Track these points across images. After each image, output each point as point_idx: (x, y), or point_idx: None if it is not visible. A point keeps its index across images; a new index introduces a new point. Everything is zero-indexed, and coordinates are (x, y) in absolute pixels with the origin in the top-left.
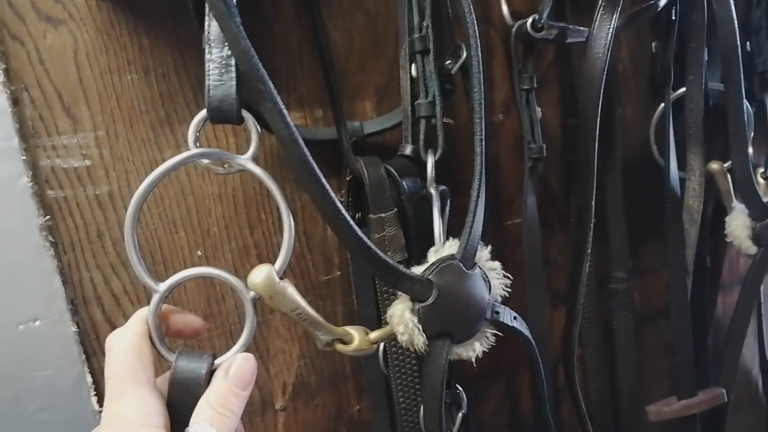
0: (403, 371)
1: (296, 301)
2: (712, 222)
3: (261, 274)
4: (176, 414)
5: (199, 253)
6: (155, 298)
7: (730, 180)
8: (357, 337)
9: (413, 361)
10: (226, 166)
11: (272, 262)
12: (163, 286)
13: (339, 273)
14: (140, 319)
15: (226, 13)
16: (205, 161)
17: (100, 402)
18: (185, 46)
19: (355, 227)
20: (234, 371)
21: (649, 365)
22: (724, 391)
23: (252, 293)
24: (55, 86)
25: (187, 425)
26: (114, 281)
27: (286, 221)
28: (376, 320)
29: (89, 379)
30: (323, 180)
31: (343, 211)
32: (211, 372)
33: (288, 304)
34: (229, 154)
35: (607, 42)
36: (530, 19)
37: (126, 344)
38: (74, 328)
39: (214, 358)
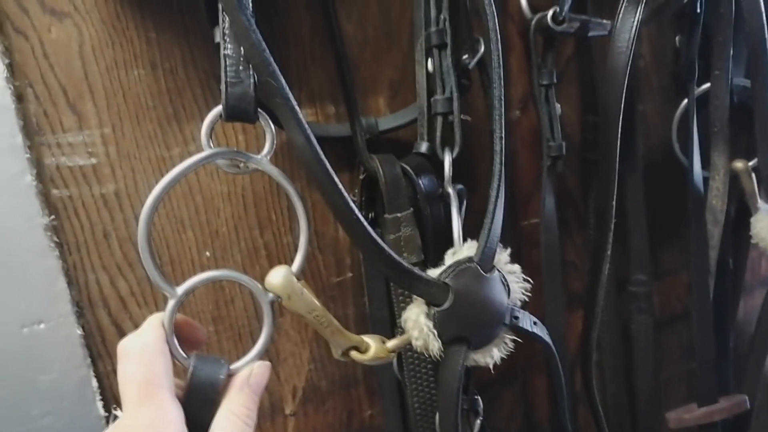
0: (418, 376)
1: (314, 303)
2: (735, 222)
3: (279, 275)
4: (192, 419)
5: (207, 253)
6: (172, 302)
7: (755, 179)
8: (373, 346)
9: (429, 366)
10: (241, 165)
11: (282, 263)
12: (180, 291)
13: (351, 275)
14: (157, 323)
15: (237, 5)
16: (221, 161)
17: (106, 406)
18: (194, 39)
19: (369, 228)
20: (254, 380)
21: (667, 370)
22: (747, 398)
23: (270, 295)
24: (59, 81)
25: (204, 429)
26: (120, 282)
27: (303, 222)
28: (389, 324)
29: (95, 383)
30: (336, 179)
31: (357, 211)
32: (228, 377)
33: (306, 306)
34: (245, 153)
35: (632, 36)
36: (551, 12)
37: (147, 349)
38: (79, 331)
39: (228, 363)
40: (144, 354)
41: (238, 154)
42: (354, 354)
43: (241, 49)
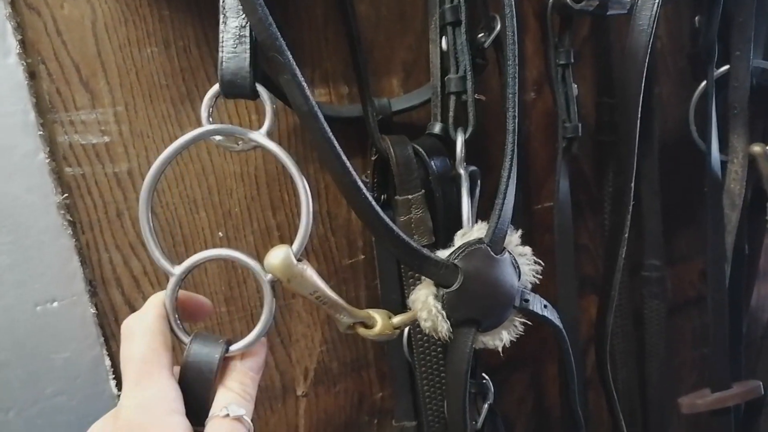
0: (428, 358)
1: (315, 284)
2: (751, 207)
3: (278, 256)
4: (190, 397)
5: (220, 234)
6: (172, 281)
7: None
8: (380, 321)
9: (438, 348)
10: (240, 143)
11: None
12: (178, 270)
13: (363, 257)
14: (158, 302)
15: None
16: (218, 138)
17: (119, 385)
18: (207, 17)
19: (377, 207)
20: (248, 357)
21: (679, 355)
22: (761, 383)
23: (270, 276)
24: (72, 59)
25: (199, 408)
26: (133, 262)
27: (304, 199)
28: (401, 306)
29: (107, 362)
30: (344, 157)
31: (365, 190)
32: (225, 357)
33: (307, 287)
34: (241, 129)
35: (653, 14)
36: None
37: (147, 328)
38: (93, 310)
39: (229, 343)
40: (144, 334)
41: (234, 130)
42: (360, 329)
43: (239, 23)
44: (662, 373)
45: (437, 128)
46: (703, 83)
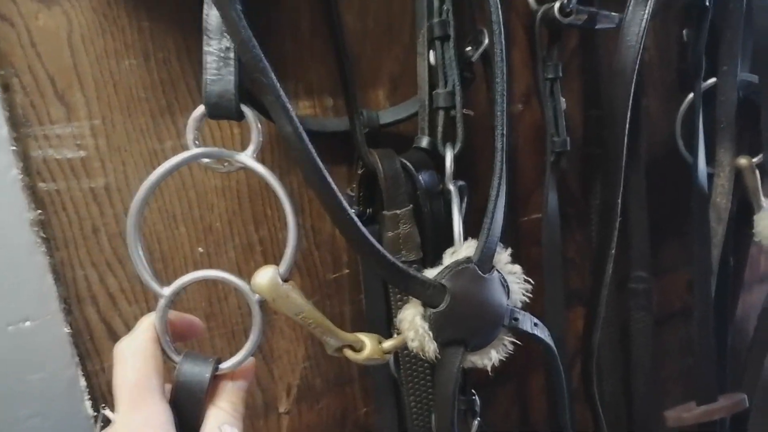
0: (415, 375)
1: (301, 305)
2: (736, 219)
3: (264, 277)
4: (181, 418)
5: (200, 249)
6: (161, 302)
7: (758, 176)
8: (369, 346)
9: (426, 365)
10: (226, 164)
11: (278, 259)
12: (168, 291)
13: (347, 271)
14: (149, 325)
15: (232, 4)
16: (206, 160)
17: (95, 406)
18: (188, 29)
19: (362, 227)
20: (237, 376)
21: (664, 367)
22: (746, 396)
23: (258, 296)
24: (47, 71)
25: (191, 427)
26: (110, 279)
27: (291, 221)
28: (386, 322)
29: (83, 382)
30: (329, 179)
31: (349, 210)
32: (215, 376)
33: (293, 308)
34: (229, 152)
35: (641, 29)
36: (558, 3)
37: (139, 352)
38: (67, 329)
39: (218, 362)
40: (136, 358)
41: (222, 153)
42: (348, 352)
43: (222, 45)
44: (648, 385)
45: (425, 142)
46: (690, 96)
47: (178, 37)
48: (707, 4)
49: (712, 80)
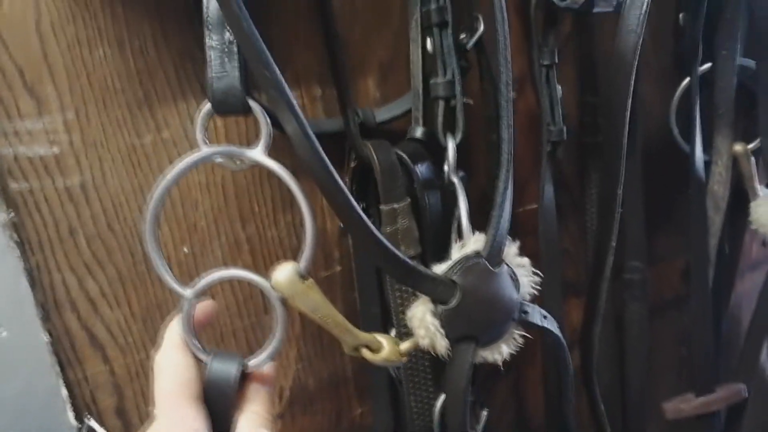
0: (415, 374)
1: (319, 303)
2: (732, 206)
3: (283, 274)
4: (212, 416)
5: (185, 249)
6: (185, 306)
7: (753, 163)
8: (387, 347)
9: (426, 363)
10: (238, 162)
11: (266, 257)
12: (190, 293)
13: (340, 268)
14: (175, 333)
15: None
16: (218, 159)
17: (78, 416)
18: (165, 14)
19: (372, 227)
20: (265, 377)
21: (658, 357)
22: (744, 387)
23: (278, 293)
24: (15, 62)
25: (221, 425)
26: (89, 283)
27: (307, 217)
28: (381, 319)
29: (64, 392)
30: (337, 178)
31: (359, 210)
32: (242, 374)
33: (311, 306)
34: (240, 150)
35: (642, 13)
36: None
37: (171, 362)
38: (46, 337)
39: (245, 360)
40: (169, 368)
41: (234, 152)
42: (365, 353)
43: (226, 38)
44: (643, 376)
45: (419, 132)
46: (686, 81)
47: (154, 23)
48: None
49: (708, 65)
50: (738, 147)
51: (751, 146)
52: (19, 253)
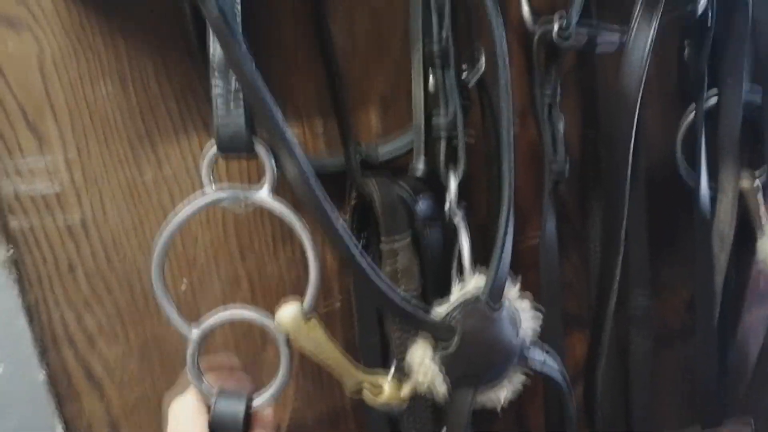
0: (415, 411)
1: (321, 344)
2: (739, 239)
3: (286, 314)
4: None
5: (184, 284)
6: (191, 347)
7: (761, 199)
8: (387, 390)
9: (426, 401)
10: (243, 205)
11: (266, 293)
12: (196, 334)
13: (339, 304)
14: (186, 378)
15: (232, 39)
16: (225, 202)
17: None
18: (167, 50)
19: (375, 272)
20: (270, 414)
21: (664, 389)
22: (752, 420)
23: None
24: (17, 99)
25: None
26: (88, 319)
27: (311, 257)
28: (380, 355)
29: (60, 429)
30: (338, 225)
31: (360, 255)
32: (248, 413)
33: (313, 345)
34: (245, 193)
35: (646, 53)
36: (556, 26)
37: (186, 409)
38: (43, 373)
39: (251, 398)
40: (182, 414)
41: (239, 195)
42: (366, 395)
43: (231, 85)
44: (647, 407)
45: (421, 169)
46: (692, 116)
47: (156, 59)
48: (709, 24)
49: (714, 99)
50: (745, 182)
51: (756, 183)
52: (17, 289)
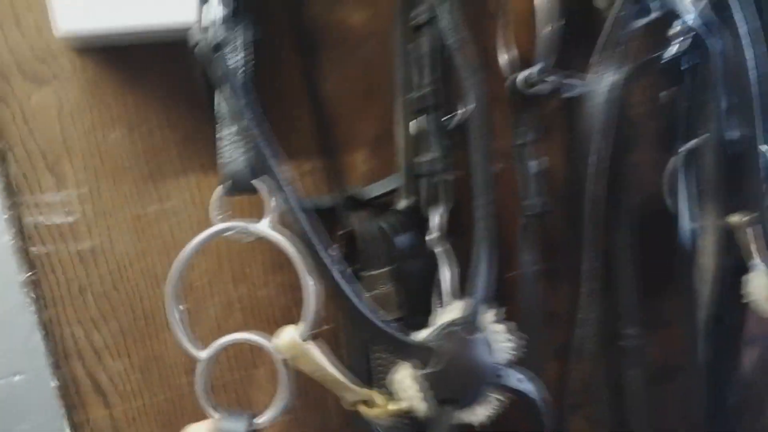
0: (397, 427)
1: (318, 364)
2: (734, 276)
3: (283, 337)
4: None
5: (181, 307)
6: (200, 367)
7: (751, 234)
8: (380, 405)
9: (406, 421)
10: (245, 235)
11: (256, 315)
12: (205, 355)
13: (326, 327)
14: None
15: (234, 95)
16: (229, 233)
17: None
18: (172, 102)
19: (355, 297)
20: None
21: (663, 424)
22: None
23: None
24: (39, 145)
25: None
26: (95, 336)
27: (308, 289)
28: (366, 375)
29: None
30: (327, 261)
31: (347, 288)
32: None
33: (311, 366)
34: (246, 225)
35: (607, 97)
36: (522, 75)
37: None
38: (55, 383)
39: (253, 417)
40: None
41: (243, 228)
42: (363, 408)
43: (233, 131)
44: None
45: (403, 205)
46: (674, 159)
47: (159, 111)
48: (681, 68)
49: (695, 142)
50: (734, 218)
51: (746, 218)
52: (35, 308)
